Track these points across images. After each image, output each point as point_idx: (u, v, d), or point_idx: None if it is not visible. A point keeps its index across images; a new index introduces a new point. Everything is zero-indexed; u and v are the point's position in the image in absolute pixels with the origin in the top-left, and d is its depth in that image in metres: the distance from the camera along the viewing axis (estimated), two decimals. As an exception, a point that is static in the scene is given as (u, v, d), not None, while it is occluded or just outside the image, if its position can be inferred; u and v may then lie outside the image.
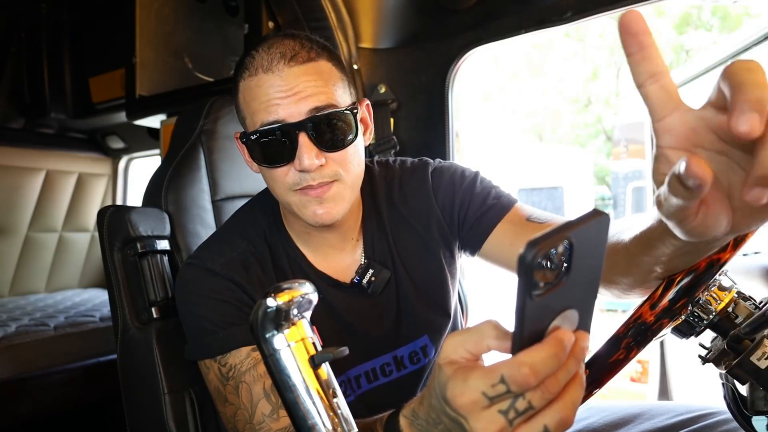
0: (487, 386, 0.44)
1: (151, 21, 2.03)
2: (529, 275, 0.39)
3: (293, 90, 0.87)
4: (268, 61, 0.89)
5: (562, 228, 0.40)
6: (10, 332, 2.16)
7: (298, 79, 0.88)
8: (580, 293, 0.45)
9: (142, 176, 3.30)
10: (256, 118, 0.90)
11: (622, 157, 7.57)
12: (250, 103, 0.91)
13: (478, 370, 0.45)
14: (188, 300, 0.97)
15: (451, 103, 1.62)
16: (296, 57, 0.89)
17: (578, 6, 1.35)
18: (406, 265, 1.06)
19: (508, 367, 0.43)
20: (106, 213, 1.20)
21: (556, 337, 0.43)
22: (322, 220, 0.92)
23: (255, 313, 0.53)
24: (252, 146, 0.92)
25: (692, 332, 0.70)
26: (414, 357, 1.07)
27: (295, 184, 0.91)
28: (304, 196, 0.92)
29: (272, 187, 0.96)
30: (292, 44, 0.90)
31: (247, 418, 0.85)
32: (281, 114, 0.88)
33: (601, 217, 0.42)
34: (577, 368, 0.45)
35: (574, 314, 0.45)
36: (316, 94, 0.88)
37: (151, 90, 2.04)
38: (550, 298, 0.42)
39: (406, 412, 0.58)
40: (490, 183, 1.07)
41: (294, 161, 0.89)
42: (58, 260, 3.18)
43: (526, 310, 0.41)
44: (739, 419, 0.72)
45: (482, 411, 0.45)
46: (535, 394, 0.43)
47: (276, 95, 0.88)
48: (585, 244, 0.42)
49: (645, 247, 0.62)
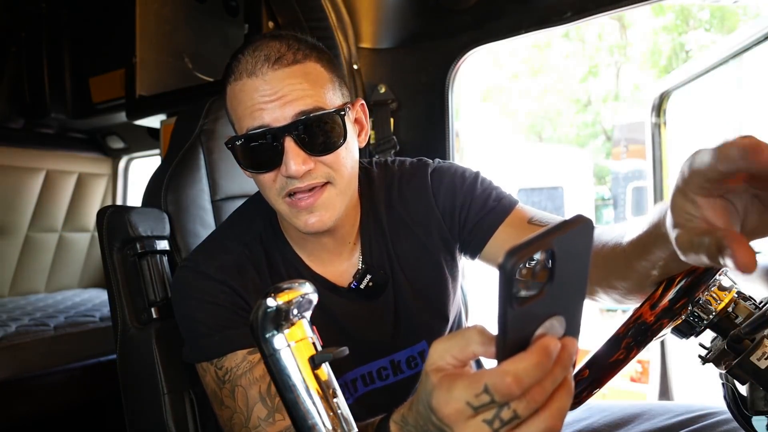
0: (471, 396, 0.43)
1: (151, 21, 2.03)
2: (509, 284, 0.39)
3: (278, 94, 0.86)
4: (252, 64, 0.87)
5: (542, 235, 0.39)
6: (10, 332, 2.16)
7: (282, 83, 0.86)
8: (566, 300, 0.44)
9: (142, 176, 3.30)
10: (242, 124, 0.89)
11: (622, 157, 7.58)
12: (236, 108, 0.90)
13: (462, 380, 0.45)
14: (183, 303, 0.97)
15: (451, 103, 1.62)
16: (281, 59, 0.87)
17: (578, 6, 1.35)
18: (404, 270, 1.05)
19: (492, 377, 0.42)
20: (106, 213, 1.20)
21: (540, 345, 0.42)
22: (314, 228, 0.91)
23: (255, 313, 0.53)
24: (239, 152, 0.91)
25: (692, 332, 0.70)
26: (411, 362, 1.07)
27: (282, 189, 0.90)
28: (294, 206, 0.90)
29: (263, 193, 0.95)
30: (277, 46, 0.89)
31: (243, 422, 0.85)
32: (266, 119, 0.86)
33: (584, 223, 0.41)
34: (563, 375, 0.44)
35: (561, 321, 0.44)
36: (302, 97, 0.86)
37: (151, 90, 2.04)
38: (533, 306, 0.41)
39: (396, 417, 0.58)
40: (491, 184, 1.06)
41: (281, 167, 0.87)
42: (58, 260, 3.18)
43: (509, 319, 0.41)
44: (739, 419, 0.72)
45: (467, 421, 0.44)
46: (521, 403, 0.42)
47: (260, 99, 0.86)
48: (568, 252, 0.41)
49: (642, 252, 0.62)
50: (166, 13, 2.07)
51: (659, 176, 2.29)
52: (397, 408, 0.59)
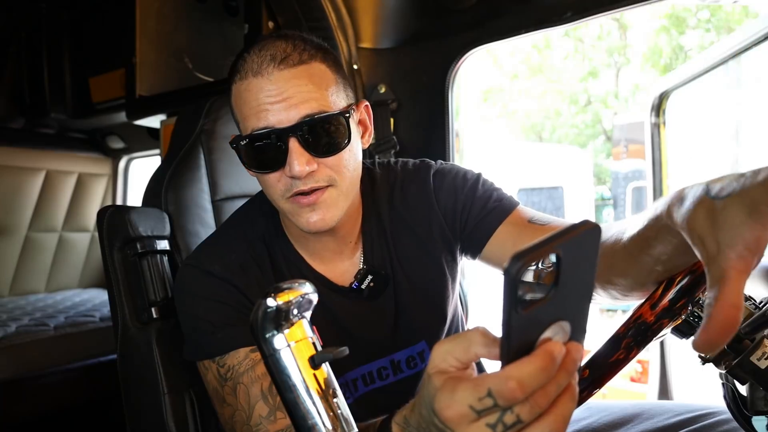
0: (474, 399, 0.43)
1: (151, 21, 2.02)
2: (514, 288, 0.38)
3: (283, 95, 0.86)
4: (258, 64, 0.87)
5: (549, 240, 0.39)
6: (10, 332, 2.16)
7: (288, 83, 0.86)
8: (572, 305, 0.43)
9: (142, 176, 3.30)
10: (246, 124, 0.89)
11: (622, 157, 7.58)
12: (242, 108, 0.90)
13: (465, 383, 0.44)
14: (186, 301, 0.97)
15: (451, 103, 1.62)
16: (287, 59, 0.87)
17: (578, 6, 1.35)
18: (405, 270, 1.05)
19: (495, 381, 0.42)
20: (106, 213, 1.20)
21: (545, 350, 0.42)
22: (316, 227, 0.91)
23: (255, 313, 0.53)
24: (243, 151, 0.91)
25: (692, 332, 0.70)
26: (411, 362, 1.07)
27: (287, 191, 0.90)
28: (296, 204, 0.91)
29: (266, 192, 0.95)
30: (283, 46, 0.88)
31: (244, 420, 0.85)
32: (271, 120, 0.86)
33: (591, 228, 0.40)
34: (568, 381, 0.44)
35: (566, 326, 0.43)
36: (307, 100, 0.86)
37: (151, 90, 2.04)
38: (538, 311, 0.41)
39: (398, 419, 0.58)
40: (492, 185, 1.06)
41: (285, 167, 0.88)
42: (58, 260, 3.18)
43: (513, 323, 0.40)
44: (739, 419, 0.72)
45: (470, 424, 0.44)
46: (524, 407, 0.42)
47: (266, 100, 0.86)
48: (574, 256, 0.40)
49: (644, 246, 0.61)
50: (166, 13, 2.07)
51: (659, 176, 2.29)
52: (398, 409, 0.59)
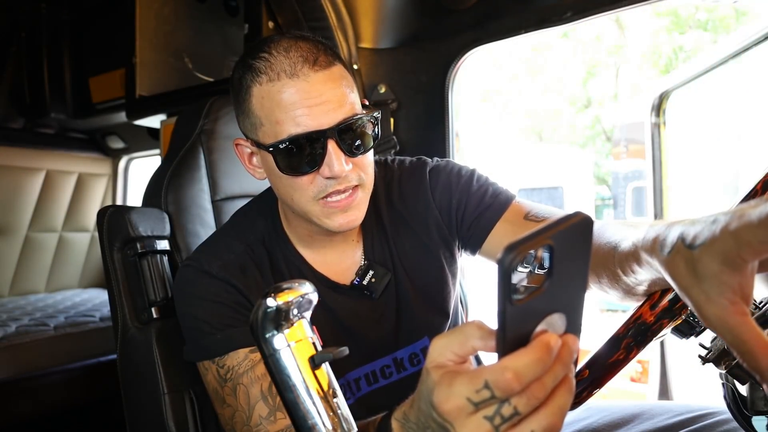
0: (472, 392, 0.43)
1: (151, 21, 2.03)
2: (507, 280, 0.39)
3: (321, 98, 0.86)
4: (291, 65, 0.86)
5: (540, 231, 0.39)
6: (10, 332, 2.16)
7: (324, 86, 0.86)
8: (567, 296, 0.44)
9: (142, 176, 3.31)
10: (283, 127, 0.87)
11: (622, 157, 7.58)
12: (273, 110, 0.87)
13: (462, 376, 0.45)
14: (186, 301, 0.97)
15: (451, 103, 1.62)
16: (318, 61, 0.87)
17: (578, 6, 1.35)
18: (405, 267, 1.05)
19: (492, 373, 0.42)
20: (106, 213, 1.20)
21: (540, 341, 0.42)
22: (345, 228, 0.93)
23: (255, 313, 0.53)
24: (279, 156, 0.89)
25: (692, 332, 0.70)
26: (414, 359, 1.07)
27: (321, 192, 0.90)
28: (328, 207, 0.91)
29: (291, 196, 0.93)
30: (308, 47, 0.88)
31: (244, 420, 0.85)
32: (311, 123, 0.86)
33: (582, 219, 0.41)
34: (564, 373, 0.44)
35: (562, 318, 0.44)
36: (343, 103, 0.87)
37: (151, 90, 2.04)
38: (533, 302, 0.41)
39: (398, 415, 0.58)
40: (487, 180, 1.06)
41: (321, 168, 0.88)
42: (58, 260, 3.18)
43: (508, 315, 0.40)
44: (739, 419, 0.72)
45: (468, 417, 0.44)
46: (521, 399, 0.42)
47: (305, 103, 0.85)
48: (566, 247, 0.40)
49: (626, 268, 0.62)
50: (166, 13, 2.07)
51: (659, 176, 2.29)
52: (398, 405, 0.59)
